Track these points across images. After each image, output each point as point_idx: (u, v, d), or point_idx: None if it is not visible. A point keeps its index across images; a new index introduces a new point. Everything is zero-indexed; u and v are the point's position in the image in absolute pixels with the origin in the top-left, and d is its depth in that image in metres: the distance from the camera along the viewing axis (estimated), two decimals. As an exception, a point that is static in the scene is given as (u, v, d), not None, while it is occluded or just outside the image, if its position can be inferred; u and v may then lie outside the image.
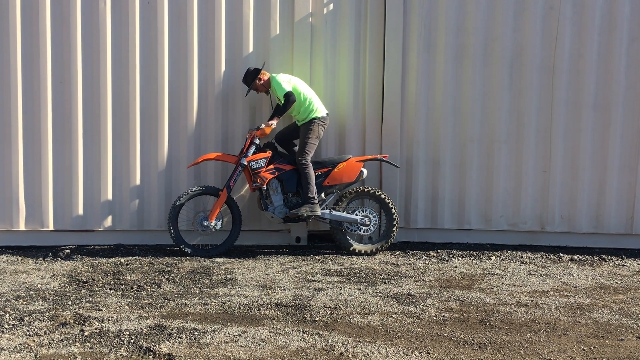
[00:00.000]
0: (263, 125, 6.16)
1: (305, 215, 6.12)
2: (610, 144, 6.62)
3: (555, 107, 6.64)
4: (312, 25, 6.66)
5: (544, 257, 6.36)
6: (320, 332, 4.23)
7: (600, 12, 6.52)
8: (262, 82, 6.26)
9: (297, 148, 6.35)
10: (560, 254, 6.46)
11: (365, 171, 6.38)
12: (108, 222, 6.60)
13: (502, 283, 5.46)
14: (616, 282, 5.55)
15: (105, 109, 6.52)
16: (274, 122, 6.16)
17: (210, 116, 6.63)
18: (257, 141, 6.25)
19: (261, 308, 4.70)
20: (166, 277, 5.51)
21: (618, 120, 6.60)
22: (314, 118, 6.22)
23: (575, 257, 6.36)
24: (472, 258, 6.30)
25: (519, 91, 6.66)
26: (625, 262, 6.24)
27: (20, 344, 3.98)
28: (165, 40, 6.53)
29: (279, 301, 4.85)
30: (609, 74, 6.57)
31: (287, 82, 6.16)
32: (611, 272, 5.89)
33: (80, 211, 6.56)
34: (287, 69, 6.61)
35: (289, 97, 6.08)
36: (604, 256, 6.39)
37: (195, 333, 4.17)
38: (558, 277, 5.69)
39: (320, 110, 6.27)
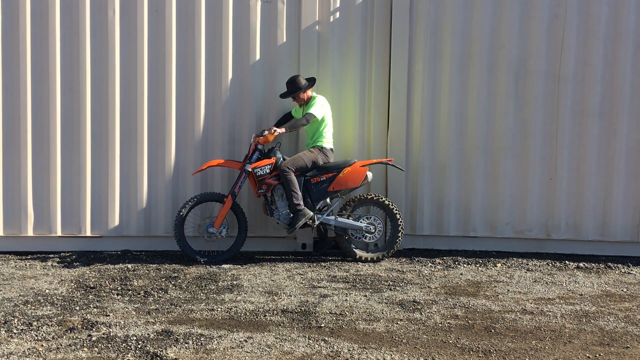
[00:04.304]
0: (266, 132, 6.15)
1: (301, 226, 6.13)
2: (616, 151, 6.62)
3: (561, 114, 6.66)
4: (318, 34, 6.71)
5: (550, 264, 6.36)
6: (326, 338, 4.25)
7: (605, 20, 6.54)
8: (306, 96, 6.31)
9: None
10: (566, 261, 6.46)
11: (370, 174, 6.38)
12: (115, 228, 6.64)
13: (508, 290, 5.46)
14: (622, 290, 5.54)
15: (113, 116, 6.58)
16: (278, 130, 6.14)
17: (217, 123, 6.68)
18: (260, 147, 6.28)
19: (267, 314, 4.72)
20: (173, 283, 5.54)
21: (624, 127, 6.60)
22: (320, 146, 6.30)
23: (581, 264, 6.36)
24: (478, 265, 6.31)
25: (525, 99, 6.68)
26: (631, 270, 6.23)
27: (29, 348, 4.02)
28: (173, 48, 6.59)
29: (285, 307, 4.87)
30: (614, 82, 6.58)
31: (320, 107, 6.23)
32: (617, 280, 5.88)
33: (88, 217, 6.61)
34: (293, 77, 6.65)
35: (307, 118, 6.13)
36: (609, 264, 6.38)
37: (202, 339, 4.19)
38: (564, 284, 5.69)
39: (327, 142, 6.35)
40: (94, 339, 4.18)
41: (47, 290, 5.30)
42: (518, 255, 6.63)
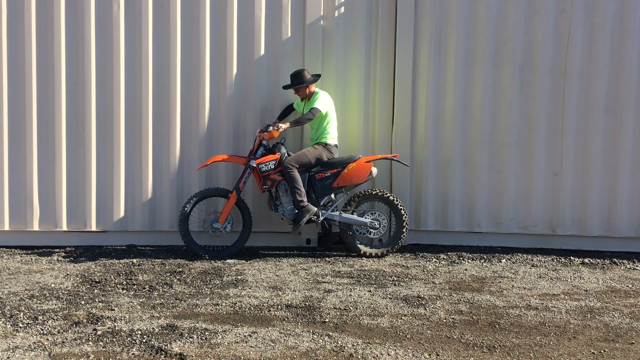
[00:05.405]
0: (271, 128, 6.15)
1: (305, 222, 6.13)
2: (622, 147, 6.60)
3: (567, 110, 6.63)
4: (323, 28, 6.70)
5: (555, 260, 6.35)
6: (330, 333, 4.26)
7: (611, 14, 6.50)
8: (308, 91, 6.30)
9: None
10: (571, 257, 6.45)
11: (375, 170, 6.38)
12: (120, 223, 6.66)
13: (512, 286, 5.46)
14: (627, 286, 5.53)
15: (118, 110, 6.59)
16: (282, 126, 6.15)
17: (222, 118, 6.68)
18: (265, 142, 6.28)
19: (271, 309, 4.73)
20: (178, 277, 5.56)
21: (630, 123, 6.57)
22: (324, 143, 6.28)
23: (586, 260, 6.35)
24: (482, 261, 6.30)
25: (530, 94, 6.65)
26: (637, 266, 6.21)
27: (35, 342, 4.04)
28: (177, 43, 6.59)
29: (289, 302, 4.88)
30: (620, 77, 6.55)
31: (324, 101, 6.22)
32: (622, 276, 5.87)
33: (93, 212, 6.63)
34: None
35: (313, 113, 6.12)
36: (615, 260, 6.37)
37: (206, 333, 4.21)
38: (569, 280, 5.68)
39: (332, 138, 6.33)
40: (99, 333, 4.20)
41: (52, 285, 5.32)
42: (523, 251, 6.63)
